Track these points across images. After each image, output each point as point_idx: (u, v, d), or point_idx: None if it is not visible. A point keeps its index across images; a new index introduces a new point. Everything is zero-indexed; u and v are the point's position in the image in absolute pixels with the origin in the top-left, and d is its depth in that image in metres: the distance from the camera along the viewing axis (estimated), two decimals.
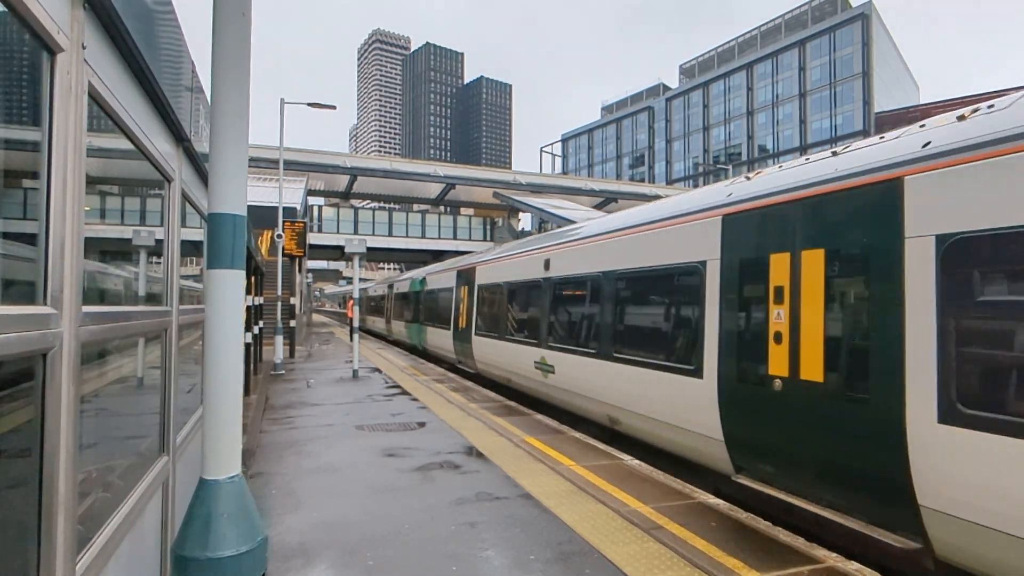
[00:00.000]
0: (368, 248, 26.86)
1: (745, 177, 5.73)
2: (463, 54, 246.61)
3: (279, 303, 15.49)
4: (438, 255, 42.19)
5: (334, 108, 17.56)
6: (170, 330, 3.01)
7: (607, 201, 49.54)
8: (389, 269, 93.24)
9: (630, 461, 6.25)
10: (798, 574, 3.66)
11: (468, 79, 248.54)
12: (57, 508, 1.49)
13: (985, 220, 3.34)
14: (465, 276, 13.96)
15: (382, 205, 57.17)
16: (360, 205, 50.93)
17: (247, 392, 10.07)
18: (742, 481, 5.02)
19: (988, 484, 3.26)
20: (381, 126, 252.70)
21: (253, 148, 28.71)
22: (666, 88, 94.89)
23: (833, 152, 4.89)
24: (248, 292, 10.51)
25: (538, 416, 8.74)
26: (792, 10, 76.12)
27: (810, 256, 4.49)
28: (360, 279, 15.34)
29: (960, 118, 3.82)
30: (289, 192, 26.60)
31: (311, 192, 42.03)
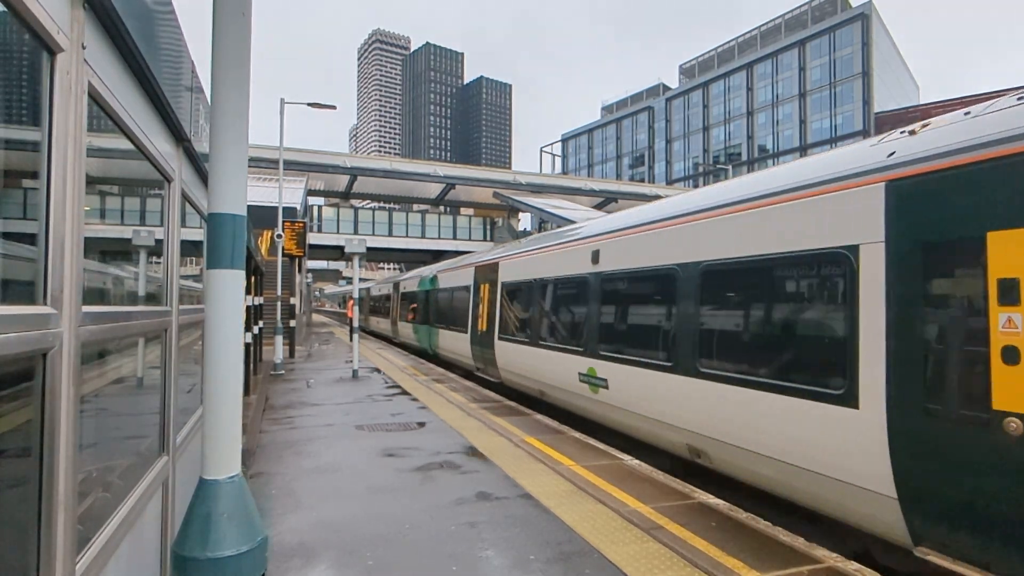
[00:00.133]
0: (368, 248, 26.91)
1: (906, 132, 4.27)
2: (463, 54, 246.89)
3: (279, 303, 15.49)
4: (438, 255, 42.20)
5: (334, 108, 17.57)
6: (170, 330, 3.01)
7: (607, 201, 49.55)
8: (389, 269, 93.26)
9: (630, 461, 6.25)
10: (798, 574, 3.66)
11: (468, 79, 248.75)
12: (57, 508, 1.49)
13: None
14: (485, 273, 12.46)
15: (382, 205, 57.19)
16: (360, 205, 50.93)
17: (247, 392, 10.07)
18: (931, 559, 3.60)
19: None
20: (381, 126, 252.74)
21: (253, 148, 28.75)
22: (666, 88, 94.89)
23: None
24: (248, 292, 10.50)
25: (538, 416, 8.73)
26: (792, 10, 76.13)
27: None
28: (360, 279, 15.34)
29: None
30: (289, 192, 26.61)
31: (311, 192, 42.03)
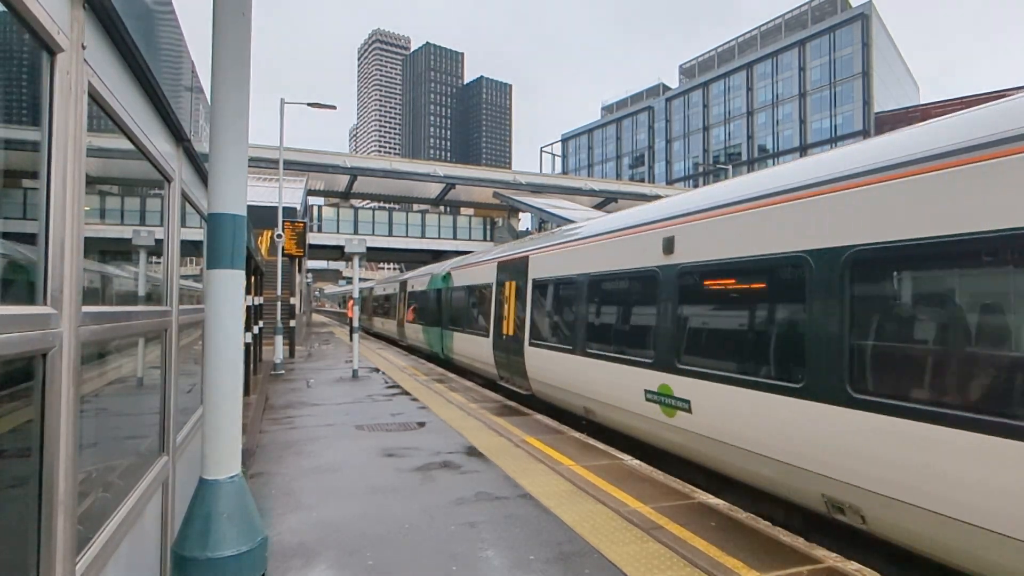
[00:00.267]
0: (368, 248, 26.87)
1: None
2: (463, 54, 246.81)
3: (279, 303, 15.49)
4: (438, 255, 42.19)
5: (334, 108, 17.57)
6: (170, 330, 3.01)
7: (607, 201, 49.55)
8: (389, 269, 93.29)
9: (630, 461, 6.25)
10: (798, 574, 3.66)
11: (468, 79, 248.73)
12: (57, 508, 1.49)
13: None
14: (511, 269, 10.95)
15: (382, 205, 57.19)
16: (360, 205, 50.94)
17: (247, 392, 10.07)
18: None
19: None
20: (381, 126, 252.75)
21: (253, 148, 28.73)
22: (666, 88, 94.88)
23: None
24: (248, 292, 10.51)
25: (538, 416, 8.73)
26: (792, 10, 76.12)
27: None
28: (360, 279, 15.32)
29: None
30: (289, 192, 26.60)
31: (311, 192, 42.04)
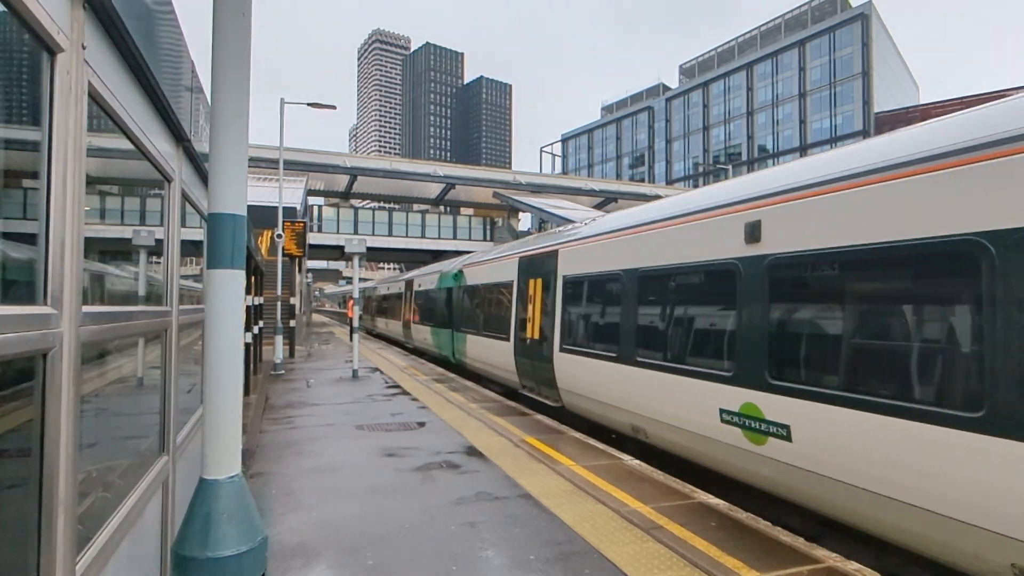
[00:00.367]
0: (368, 248, 26.89)
1: None
2: (463, 54, 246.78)
3: (279, 303, 15.49)
4: (438, 255, 42.20)
5: (334, 108, 17.57)
6: (170, 330, 3.01)
7: (607, 201, 49.54)
8: (389, 269, 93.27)
9: (630, 461, 6.25)
10: (798, 574, 3.66)
11: (468, 79, 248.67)
12: (57, 508, 1.49)
13: None
14: (537, 265, 9.79)
15: (382, 205, 57.16)
16: (360, 205, 50.94)
17: (247, 392, 10.07)
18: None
19: None
20: (381, 126, 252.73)
21: (253, 148, 28.73)
22: (666, 88, 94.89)
23: None
24: (248, 292, 10.51)
25: (538, 416, 8.73)
26: (792, 10, 76.11)
27: None
28: (360, 279, 15.31)
29: None
30: (289, 192, 26.59)
31: (311, 192, 42.03)
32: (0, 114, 1.37)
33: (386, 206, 55.20)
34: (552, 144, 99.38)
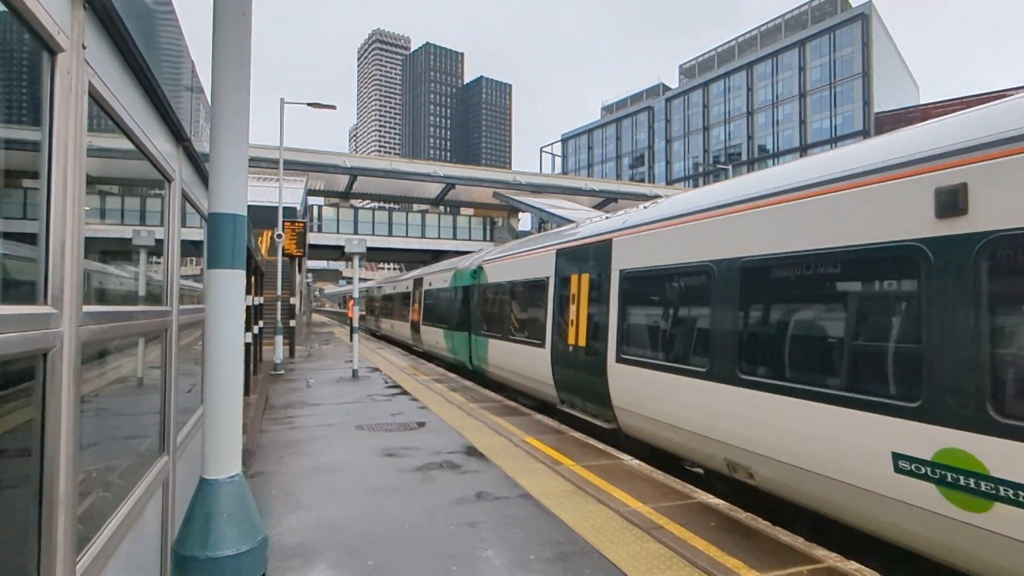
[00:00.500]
0: (368, 248, 26.86)
1: None
2: (463, 54, 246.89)
3: (279, 303, 15.50)
4: (438, 255, 42.22)
5: (334, 108, 17.58)
6: (170, 330, 3.01)
7: (607, 201, 49.57)
8: (389, 269, 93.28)
9: (630, 461, 6.25)
10: (798, 574, 3.66)
11: (468, 79, 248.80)
12: (57, 508, 1.49)
13: None
14: (582, 257, 8.27)
15: (382, 205, 57.19)
16: (360, 205, 50.97)
17: (247, 392, 10.07)
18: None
19: None
20: (381, 126, 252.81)
21: (253, 148, 28.71)
22: (666, 88, 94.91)
23: None
24: (248, 292, 10.51)
25: (538, 416, 8.73)
26: (792, 10, 76.15)
27: None
28: (360, 279, 15.31)
29: None
30: (289, 192, 26.60)
31: (311, 192, 42.05)
32: (1, 114, 1.37)
33: (386, 206, 55.23)
34: (552, 144, 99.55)
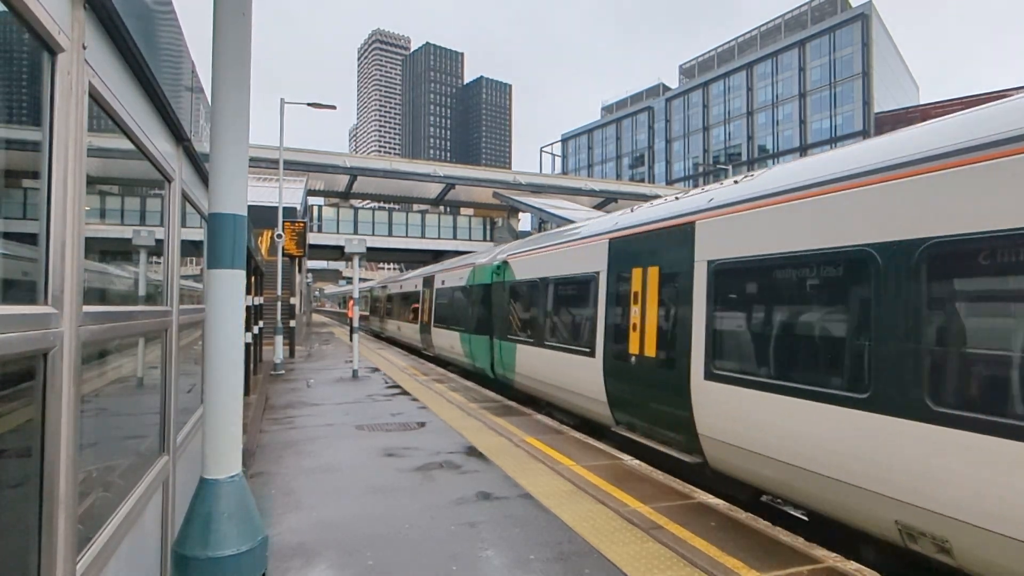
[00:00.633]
0: (368, 248, 26.79)
1: None
2: (463, 54, 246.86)
3: (279, 303, 15.49)
4: (438, 255, 42.22)
5: (334, 108, 17.58)
6: (170, 330, 3.01)
7: (607, 201, 49.58)
8: (389, 269, 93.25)
9: (630, 461, 6.25)
10: (798, 574, 3.66)
11: (468, 79, 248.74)
12: (57, 508, 1.49)
13: None
14: (648, 248, 6.79)
15: (382, 205, 57.21)
16: (360, 205, 50.97)
17: (247, 392, 10.07)
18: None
19: None
20: (381, 126, 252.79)
21: (253, 148, 28.65)
22: (666, 88, 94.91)
23: None
24: (248, 292, 10.50)
25: (538, 416, 8.73)
26: (792, 10, 76.14)
27: None
28: (360, 279, 15.30)
29: None
30: (289, 192, 26.57)
31: (311, 192, 42.04)
32: (1, 114, 1.37)
33: (386, 206, 55.25)
34: (552, 144, 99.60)
